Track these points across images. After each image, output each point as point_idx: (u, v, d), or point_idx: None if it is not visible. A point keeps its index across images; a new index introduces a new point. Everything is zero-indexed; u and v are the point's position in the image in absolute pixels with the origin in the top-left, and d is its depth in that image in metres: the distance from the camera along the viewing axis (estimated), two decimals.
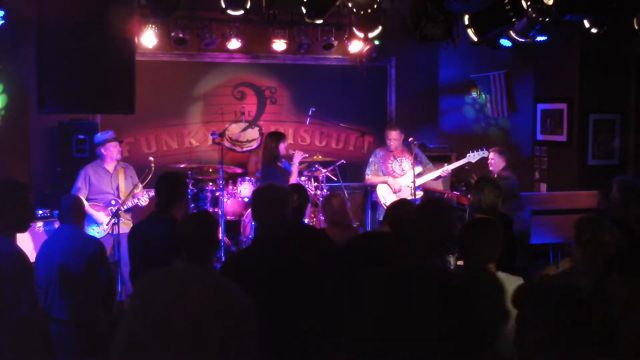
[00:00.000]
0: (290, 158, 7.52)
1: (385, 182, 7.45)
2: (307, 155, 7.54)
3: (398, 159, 7.46)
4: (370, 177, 7.56)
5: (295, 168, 7.22)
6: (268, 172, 7.22)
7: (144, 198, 6.51)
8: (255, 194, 3.65)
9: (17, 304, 3.60)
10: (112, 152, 6.56)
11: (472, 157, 7.52)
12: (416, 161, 7.44)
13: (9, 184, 3.92)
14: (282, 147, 7.35)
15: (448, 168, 7.57)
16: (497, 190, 4.82)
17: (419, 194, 7.39)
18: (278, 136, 7.44)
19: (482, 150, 7.50)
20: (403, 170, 7.41)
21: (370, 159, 7.63)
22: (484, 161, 7.66)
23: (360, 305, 2.88)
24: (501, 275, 3.46)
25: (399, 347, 2.76)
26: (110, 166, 6.60)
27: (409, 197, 7.20)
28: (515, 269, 4.10)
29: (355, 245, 4.37)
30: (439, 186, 8.11)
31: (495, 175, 7.26)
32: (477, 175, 7.60)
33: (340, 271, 3.94)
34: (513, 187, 6.89)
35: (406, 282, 2.88)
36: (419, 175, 7.40)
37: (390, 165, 7.48)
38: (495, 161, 7.43)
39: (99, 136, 6.68)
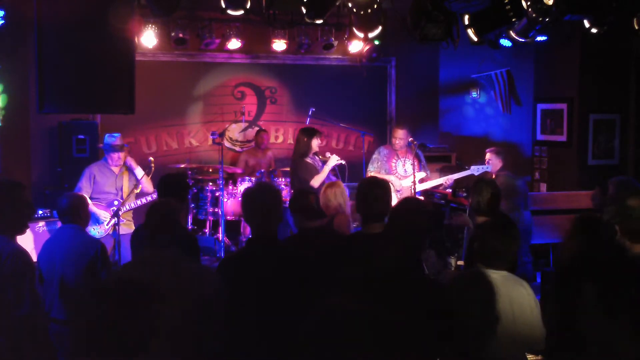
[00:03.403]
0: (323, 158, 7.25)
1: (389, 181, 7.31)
2: (343, 162, 7.27)
3: (402, 160, 7.40)
4: (372, 174, 7.35)
5: (327, 169, 6.89)
6: (294, 167, 6.99)
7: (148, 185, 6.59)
8: (245, 194, 3.64)
9: (19, 304, 3.60)
10: (113, 158, 6.60)
11: (476, 170, 7.43)
12: (420, 165, 7.41)
13: (5, 184, 3.91)
14: (315, 143, 6.98)
15: (451, 177, 7.51)
16: (495, 191, 4.81)
17: (420, 198, 7.36)
18: (311, 132, 7.06)
19: (486, 165, 7.45)
20: (406, 171, 7.34)
21: (374, 156, 7.52)
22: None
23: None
24: (506, 275, 3.41)
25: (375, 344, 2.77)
26: (115, 167, 6.63)
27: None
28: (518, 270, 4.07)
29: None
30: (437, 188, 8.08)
31: (494, 176, 7.25)
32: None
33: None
34: (515, 185, 6.86)
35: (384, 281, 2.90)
36: (422, 180, 7.38)
37: (393, 164, 7.40)
38: (492, 162, 7.41)
39: (105, 139, 6.69)
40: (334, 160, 6.96)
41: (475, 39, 6.77)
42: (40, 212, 6.48)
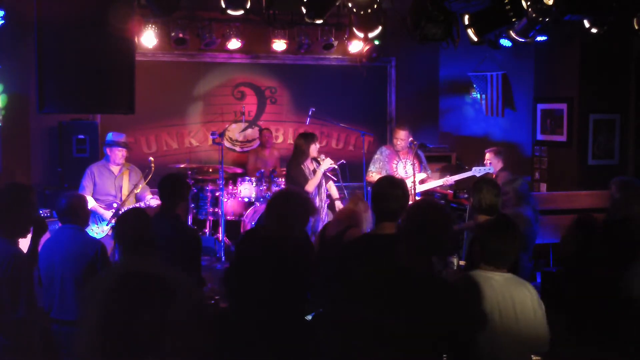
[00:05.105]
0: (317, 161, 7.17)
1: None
2: (336, 167, 7.12)
3: (403, 161, 7.39)
4: (374, 174, 7.29)
5: (319, 173, 6.85)
6: (292, 172, 6.94)
7: (153, 200, 6.50)
8: (276, 197, 3.66)
9: (15, 307, 3.58)
10: (116, 155, 6.59)
11: (477, 171, 7.40)
12: (421, 166, 7.40)
13: (13, 187, 3.91)
14: (313, 149, 6.94)
15: (452, 178, 7.50)
16: (495, 190, 4.82)
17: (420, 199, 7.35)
18: (310, 138, 7.01)
19: (488, 166, 7.44)
20: (406, 172, 7.32)
21: (375, 156, 7.49)
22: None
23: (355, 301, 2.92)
24: (508, 277, 3.39)
25: (384, 345, 2.77)
26: (115, 168, 6.63)
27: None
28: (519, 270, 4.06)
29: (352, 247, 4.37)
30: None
31: (494, 176, 7.24)
32: None
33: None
34: (522, 189, 6.84)
35: (401, 281, 2.89)
36: (422, 181, 7.37)
37: (394, 165, 7.39)
38: (492, 162, 7.41)
39: (110, 136, 6.69)
40: (326, 163, 6.89)
41: (475, 39, 6.77)
42: (40, 212, 6.48)
